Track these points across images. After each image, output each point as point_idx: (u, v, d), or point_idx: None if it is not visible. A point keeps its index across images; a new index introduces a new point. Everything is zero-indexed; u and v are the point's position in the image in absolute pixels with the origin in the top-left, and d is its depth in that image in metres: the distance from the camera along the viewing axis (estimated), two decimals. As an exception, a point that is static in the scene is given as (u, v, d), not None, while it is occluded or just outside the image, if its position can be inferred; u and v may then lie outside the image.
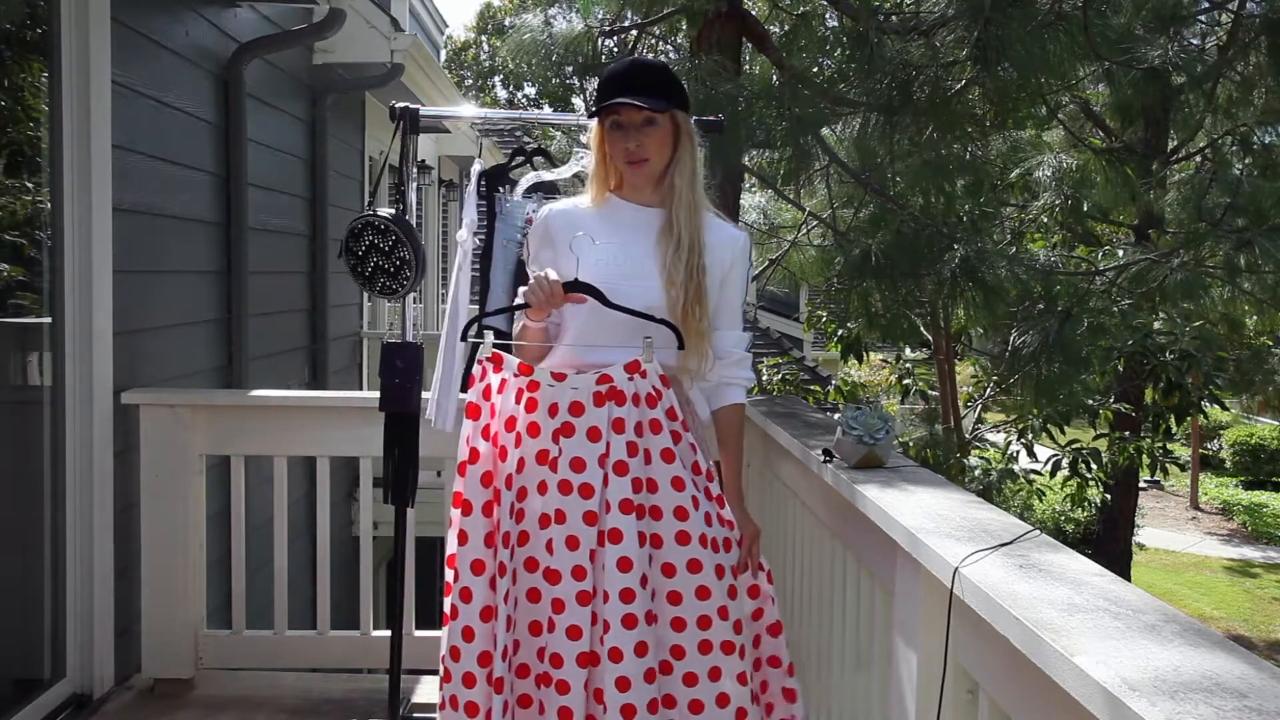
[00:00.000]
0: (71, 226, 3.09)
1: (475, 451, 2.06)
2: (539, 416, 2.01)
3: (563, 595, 1.95)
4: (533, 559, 1.99)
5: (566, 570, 1.95)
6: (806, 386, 9.67)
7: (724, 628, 2.00)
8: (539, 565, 1.98)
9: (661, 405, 2.00)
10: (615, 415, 1.99)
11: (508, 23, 24.95)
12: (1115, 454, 7.60)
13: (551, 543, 1.97)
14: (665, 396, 2.00)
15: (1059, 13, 4.07)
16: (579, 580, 1.95)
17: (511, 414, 2.04)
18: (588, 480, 1.97)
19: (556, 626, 1.95)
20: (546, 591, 1.97)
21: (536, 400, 2.01)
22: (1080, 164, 5.96)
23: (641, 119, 2.02)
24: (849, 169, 5.15)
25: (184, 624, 3.24)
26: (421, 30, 11.96)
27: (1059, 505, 13.91)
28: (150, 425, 3.22)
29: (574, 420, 1.99)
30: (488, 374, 2.07)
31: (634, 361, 1.99)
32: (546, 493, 1.98)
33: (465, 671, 2.05)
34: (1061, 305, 5.38)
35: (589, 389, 2.00)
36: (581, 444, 1.98)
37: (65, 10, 3.06)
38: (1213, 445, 22.39)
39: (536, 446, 2.00)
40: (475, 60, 28.06)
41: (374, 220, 2.78)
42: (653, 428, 1.99)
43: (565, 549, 1.96)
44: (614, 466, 1.98)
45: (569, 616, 1.94)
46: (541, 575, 1.98)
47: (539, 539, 1.99)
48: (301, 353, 5.65)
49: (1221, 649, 1.18)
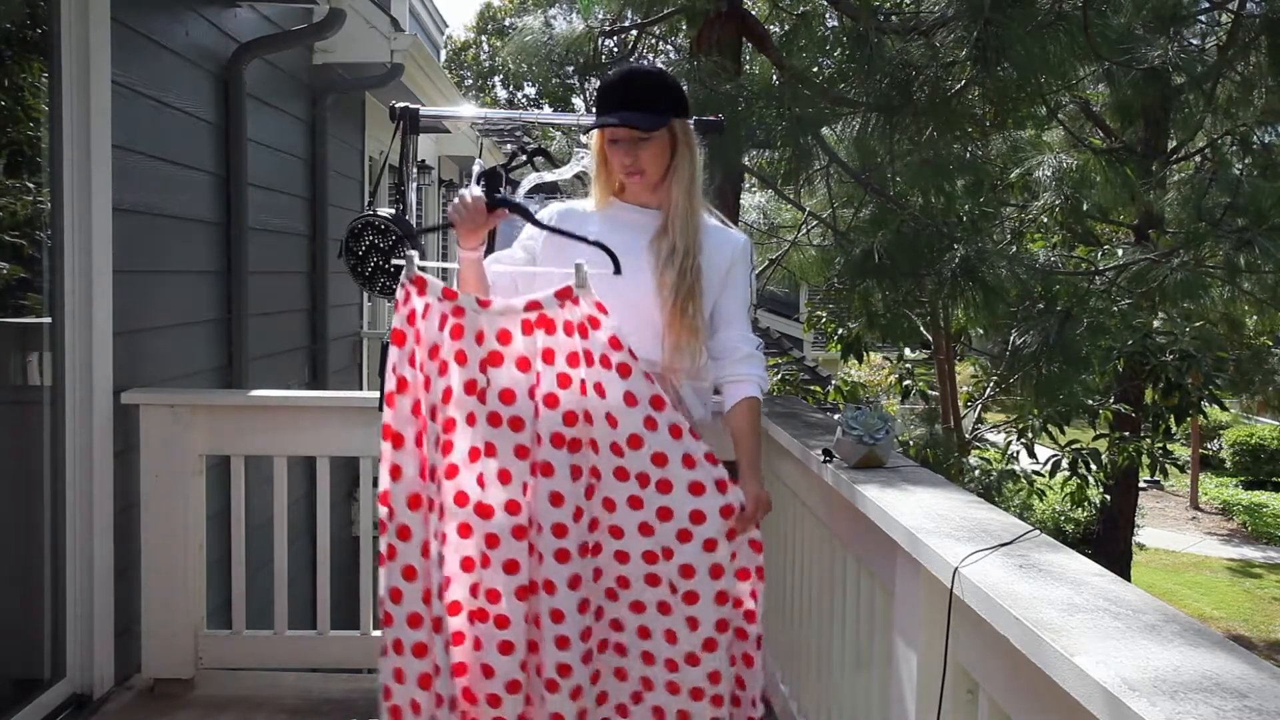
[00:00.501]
0: (71, 226, 3.09)
1: (403, 380, 1.97)
2: (465, 344, 1.93)
3: (497, 530, 1.89)
4: (462, 493, 1.92)
5: (499, 505, 1.90)
6: (806, 386, 9.68)
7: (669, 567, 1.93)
8: (469, 499, 1.91)
9: (597, 336, 1.89)
10: (544, 345, 1.91)
11: (508, 23, 24.96)
12: (1115, 454, 7.60)
13: (483, 476, 1.91)
14: (604, 325, 1.90)
15: (1059, 13, 4.07)
16: (514, 514, 1.90)
17: (435, 341, 1.95)
18: (518, 413, 1.91)
19: (491, 562, 1.89)
20: (479, 526, 1.90)
21: (462, 326, 1.93)
22: (1080, 164, 5.97)
23: (636, 135, 2.03)
24: (849, 169, 5.15)
25: (184, 624, 3.24)
26: (421, 30, 11.97)
27: (1059, 505, 13.91)
28: (150, 425, 3.22)
29: (502, 349, 1.92)
30: (411, 298, 1.97)
31: (565, 288, 1.91)
32: (475, 424, 1.92)
33: (411, 612, 1.98)
34: (1061, 305, 5.38)
35: (518, 316, 1.93)
36: (510, 374, 1.91)
37: (65, 10, 3.06)
38: (1213, 445, 22.38)
39: (464, 376, 1.92)
40: (475, 60, 28.06)
41: (374, 220, 2.78)
42: (586, 358, 1.90)
43: (498, 483, 1.90)
44: (544, 399, 1.90)
45: (505, 550, 1.89)
46: (473, 510, 1.91)
47: (469, 472, 1.92)
48: (301, 353, 5.64)
49: (1221, 649, 1.18)
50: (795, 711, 2.78)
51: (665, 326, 2.03)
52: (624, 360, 1.90)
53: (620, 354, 1.90)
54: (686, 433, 1.94)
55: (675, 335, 2.03)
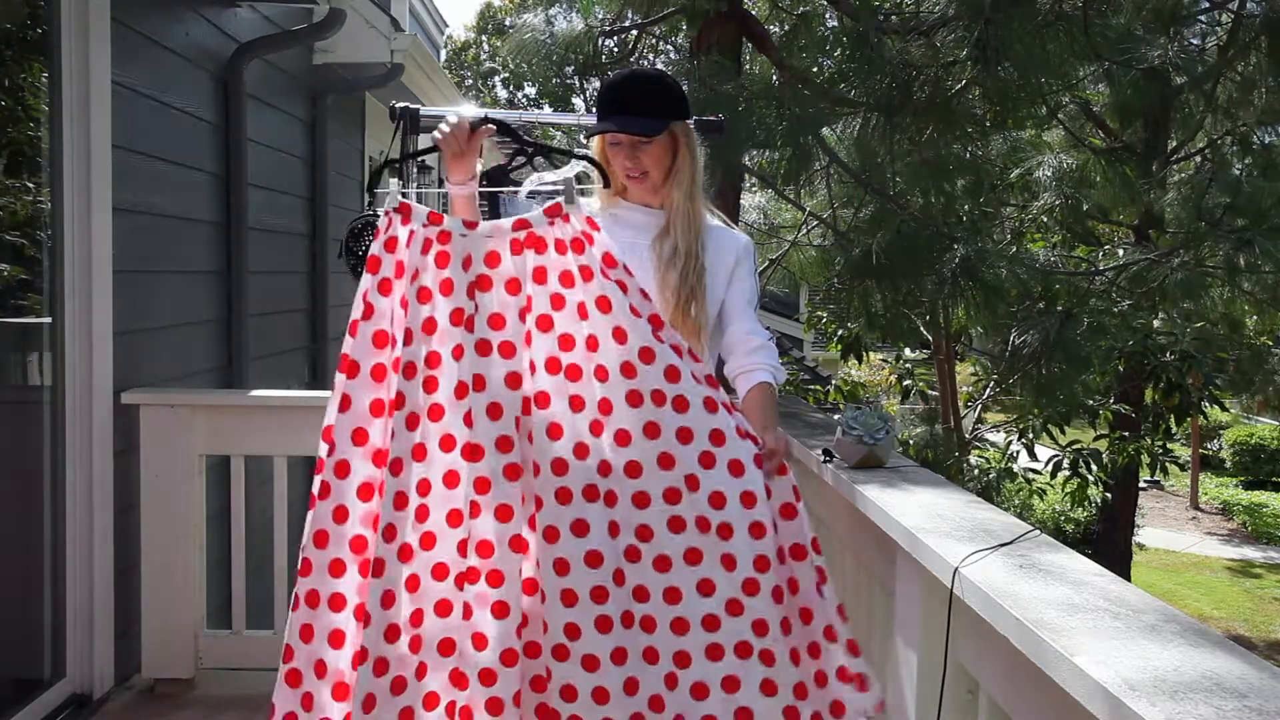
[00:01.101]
0: (71, 226, 3.09)
1: (370, 307, 1.81)
2: (451, 271, 1.79)
3: (487, 471, 1.72)
4: (449, 436, 1.76)
5: (489, 443, 1.73)
6: (807, 386, 9.68)
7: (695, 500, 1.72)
8: (456, 441, 1.76)
9: (592, 251, 1.78)
10: (535, 264, 1.79)
11: (508, 23, 24.95)
12: (1115, 454, 7.60)
13: (470, 414, 1.75)
14: (597, 241, 1.79)
15: (1059, 13, 4.07)
16: (505, 452, 1.73)
17: (418, 267, 1.80)
18: (508, 338, 1.77)
19: (482, 510, 1.72)
20: (467, 471, 1.74)
21: (448, 253, 1.80)
22: (1080, 164, 5.96)
23: (638, 138, 2.03)
24: (849, 169, 5.15)
25: (184, 624, 3.23)
26: (421, 30, 11.96)
27: (1059, 505, 13.91)
28: (150, 425, 3.22)
29: (489, 272, 1.79)
30: (394, 225, 1.83)
31: (554, 205, 1.81)
32: (462, 356, 1.77)
33: (334, 558, 1.76)
34: (1061, 305, 5.39)
35: (506, 236, 1.81)
36: (500, 298, 1.78)
37: (65, 10, 3.06)
38: (1213, 445, 22.38)
39: (450, 305, 1.78)
40: (475, 60, 28.06)
41: (374, 220, 2.78)
42: (584, 274, 1.77)
43: (487, 419, 1.73)
44: (536, 321, 1.76)
45: (496, 495, 1.72)
46: (460, 453, 1.75)
47: (456, 411, 1.76)
48: (301, 353, 5.64)
49: (1221, 649, 1.18)
50: (795, 711, 2.78)
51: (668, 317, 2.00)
52: (621, 277, 1.78)
53: (616, 270, 1.78)
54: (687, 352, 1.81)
55: None
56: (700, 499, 1.73)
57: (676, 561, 1.73)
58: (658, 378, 1.74)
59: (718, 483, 1.73)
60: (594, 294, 1.77)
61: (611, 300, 1.76)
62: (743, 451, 1.75)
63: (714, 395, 1.77)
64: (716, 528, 1.72)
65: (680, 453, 1.73)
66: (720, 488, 1.72)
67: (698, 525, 1.73)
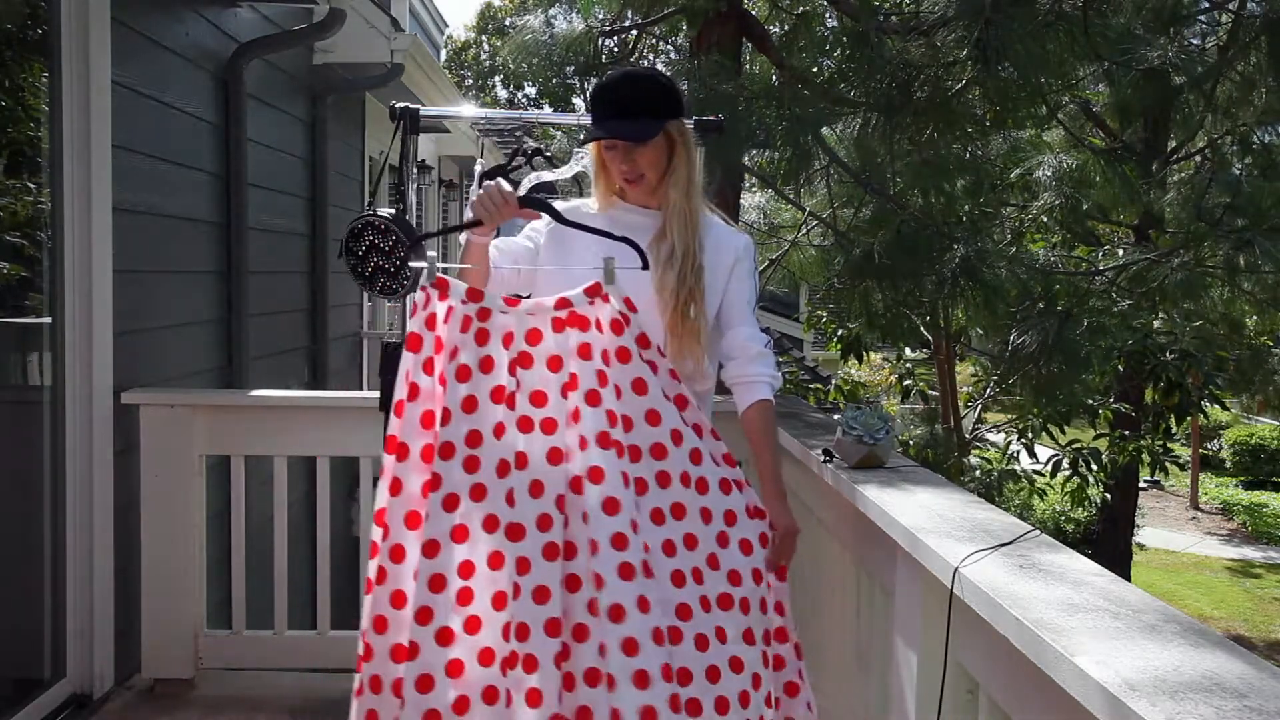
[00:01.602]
0: (71, 226, 3.09)
1: (415, 387, 1.81)
2: (492, 349, 1.79)
3: (527, 552, 1.70)
4: (492, 516, 1.74)
5: (531, 522, 1.71)
6: (807, 386, 9.68)
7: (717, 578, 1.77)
8: (500, 522, 1.73)
9: (629, 332, 1.80)
10: (580, 341, 1.80)
11: (508, 23, 24.96)
12: (1115, 454, 7.60)
13: (512, 493, 1.74)
14: (633, 323, 1.81)
15: (1059, 13, 4.07)
16: (544, 531, 1.71)
17: (457, 344, 1.80)
18: (550, 415, 1.76)
19: (522, 591, 1.68)
20: (510, 551, 1.71)
21: (488, 330, 1.81)
22: (1080, 164, 5.96)
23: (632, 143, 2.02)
24: (849, 169, 5.15)
25: (184, 624, 3.24)
26: (421, 30, 11.97)
27: (1059, 505, 13.91)
28: (150, 425, 3.22)
29: (531, 349, 1.80)
30: (431, 301, 1.83)
31: (594, 285, 1.83)
32: (504, 435, 1.76)
33: (394, 644, 1.74)
34: (1061, 305, 5.38)
35: (546, 314, 1.82)
36: (541, 375, 1.79)
37: (65, 10, 3.06)
38: (1213, 445, 22.38)
39: (491, 383, 1.78)
40: (475, 60, 28.06)
41: (374, 220, 2.78)
42: (620, 356, 1.79)
43: (529, 497, 1.73)
44: (585, 396, 1.75)
45: (535, 576, 1.69)
46: (504, 534, 1.72)
47: (497, 491, 1.74)
48: (301, 353, 5.64)
49: (1222, 649, 1.18)
50: (795, 711, 2.78)
51: (667, 329, 1.98)
52: (653, 357, 1.82)
53: (650, 350, 1.82)
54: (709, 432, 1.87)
55: (678, 339, 1.98)
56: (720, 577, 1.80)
57: (713, 641, 1.76)
58: (684, 460, 1.80)
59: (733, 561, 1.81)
60: (630, 376, 1.80)
61: (647, 383, 1.81)
62: (752, 531, 1.84)
63: (729, 476, 1.84)
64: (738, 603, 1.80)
65: (702, 533, 1.80)
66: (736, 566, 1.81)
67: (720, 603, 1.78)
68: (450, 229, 1.94)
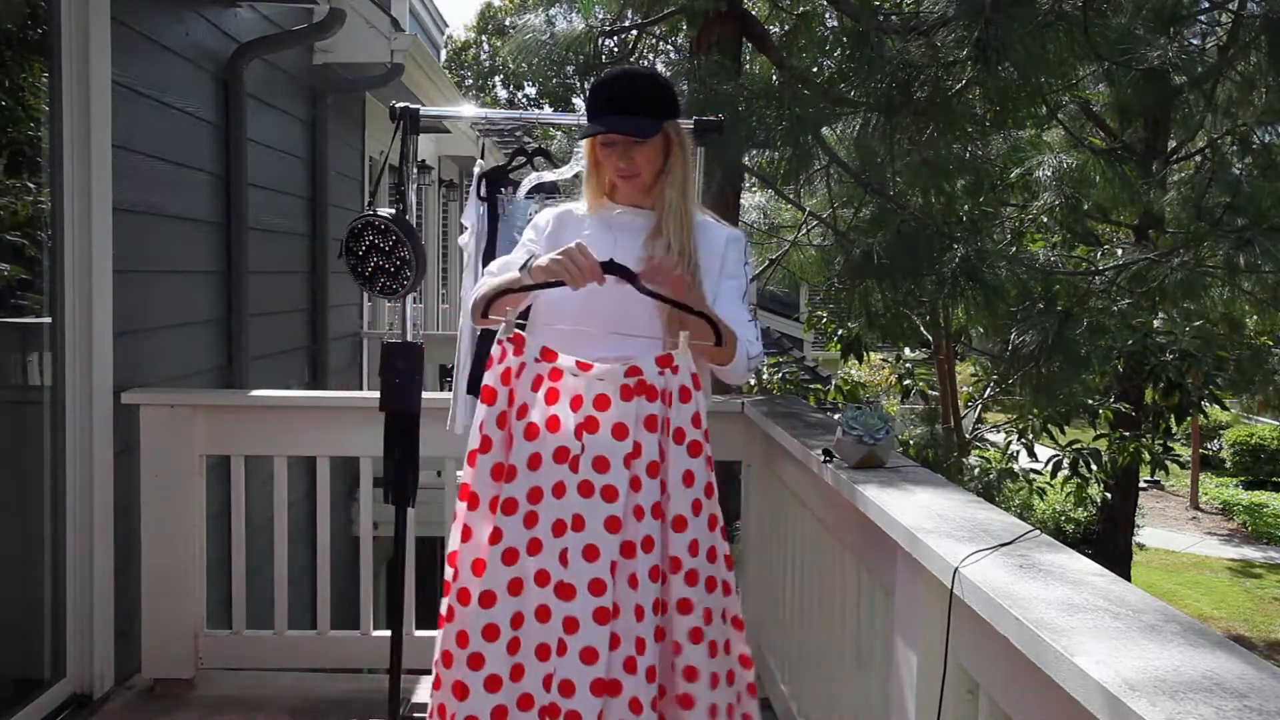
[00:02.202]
0: (71, 226, 3.09)
1: (488, 440, 1.87)
2: (560, 409, 1.84)
3: (577, 613, 1.76)
4: (544, 571, 1.80)
5: (583, 585, 1.77)
6: (807, 386, 9.68)
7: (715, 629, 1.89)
8: (550, 579, 1.79)
9: (690, 407, 1.84)
10: (647, 412, 1.83)
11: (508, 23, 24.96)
12: (1115, 454, 7.60)
13: (566, 553, 1.79)
14: (694, 399, 1.84)
15: (1059, 12, 4.07)
16: (597, 596, 1.76)
17: (525, 401, 1.86)
18: (612, 482, 1.80)
19: (568, 649, 1.76)
20: (558, 609, 1.78)
21: (558, 390, 1.85)
22: (1080, 164, 5.96)
23: (631, 139, 2.02)
24: (849, 169, 5.15)
25: (184, 624, 3.24)
26: (421, 30, 11.97)
27: (1059, 505, 13.91)
28: (150, 425, 3.22)
29: (599, 415, 1.83)
30: (507, 356, 1.88)
31: (666, 355, 1.84)
32: (564, 495, 1.81)
33: (455, 680, 1.84)
34: (1061, 305, 5.39)
35: (616, 381, 1.84)
36: (606, 442, 1.81)
37: (65, 10, 3.06)
38: (1213, 445, 22.38)
39: (556, 443, 1.82)
40: (475, 60, 28.06)
41: (374, 220, 2.78)
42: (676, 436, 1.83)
43: (582, 560, 1.78)
44: (647, 468, 1.80)
45: (584, 637, 1.76)
46: (553, 590, 1.79)
47: (552, 548, 1.80)
48: (301, 353, 5.65)
49: (1221, 649, 1.18)
50: (795, 711, 2.78)
51: (664, 329, 1.98)
52: (697, 439, 1.84)
53: (697, 432, 1.84)
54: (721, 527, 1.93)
55: (674, 335, 1.98)
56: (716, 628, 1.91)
57: None
58: (702, 527, 1.85)
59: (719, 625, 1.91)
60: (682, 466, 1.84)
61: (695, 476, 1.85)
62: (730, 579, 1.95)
63: (718, 547, 1.89)
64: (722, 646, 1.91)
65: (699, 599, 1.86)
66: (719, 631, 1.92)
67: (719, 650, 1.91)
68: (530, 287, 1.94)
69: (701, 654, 1.85)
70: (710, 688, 1.87)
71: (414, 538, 3.11)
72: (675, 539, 1.84)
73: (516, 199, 2.92)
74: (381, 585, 6.12)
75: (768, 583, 3.18)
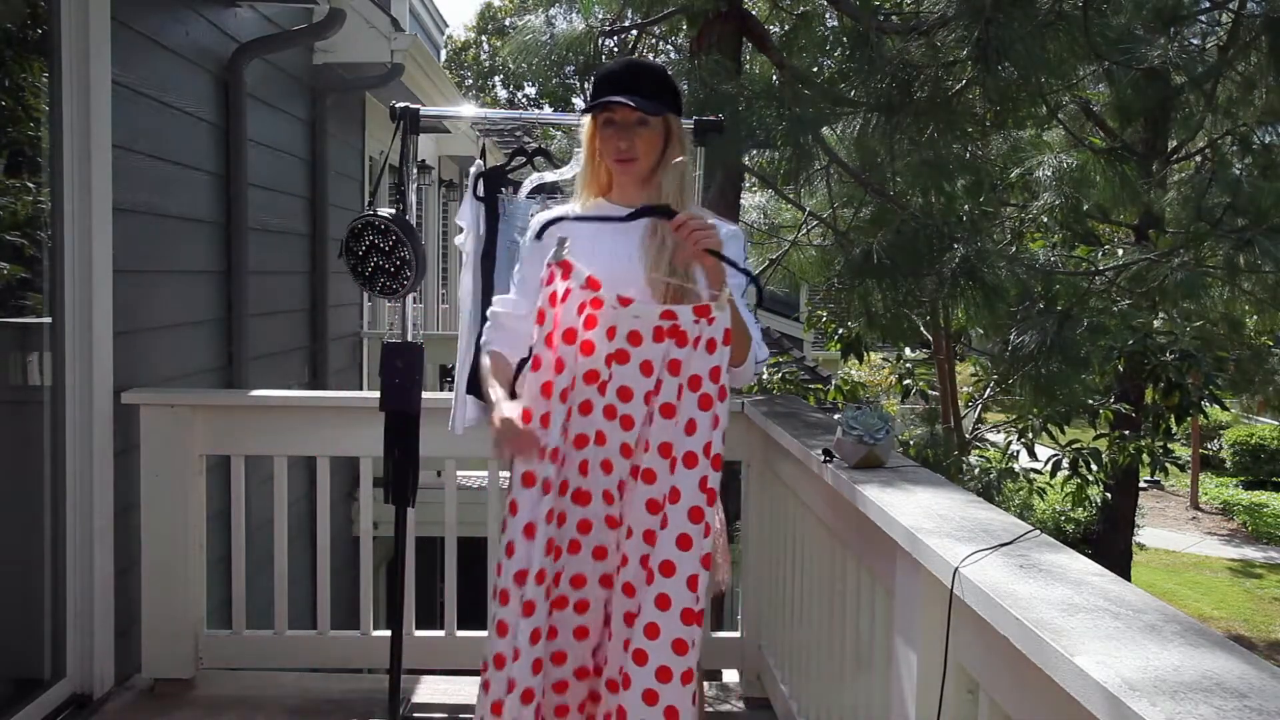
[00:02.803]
0: (71, 226, 3.09)
1: (538, 359, 2.01)
2: (595, 335, 1.96)
3: (591, 516, 1.97)
4: (564, 480, 1.99)
5: (598, 492, 1.97)
6: (807, 386, 9.67)
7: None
8: (570, 486, 1.98)
9: (713, 359, 1.91)
10: (673, 356, 1.93)
11: (508, 23, 24.97)
12: (1115, 454, 7.59)
13: (586, 464, 1.97)
14: (719, 352, 1.91)
15: (1059, 12, 4.07)
16: (609, 504, 1.97)
17: (571, 325, 1.98)
18: (630, 412, 1.95)
19: (582, 548, 1.97)
20: (573, 513, 1.98)
21: (596, 318, 1.97)
22: (1080, 164, 5.96)
23: (634, 118, 2.02)
24: (849, 169, 5.15)
25: (184, 624, 3.24)
26: (421, 30, 11.96)
27: (1059, 505, 13.91)
28: (150, 425, 3.22)
29: (629, 348, 1.94)
30: (555, 279, 2.01)
31: (705, 306, 1.92)
32: (590, 413, 1.96)
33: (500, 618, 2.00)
34: (1061, 305, 5.38)
35: (651, 321, 1.93)
36: (633, 374, 1.94)
37: (65, 10, 3.06)
38: (1213, 445, 22.38)
39: (587, 365, 1.96)
40: (475, 60, 28.06)
41: (374, 220, 2.78)
42: (691, 383, 1.91)
43: (600, 472, 1.96)
44: (661, 408, 1.92)
45: (595, 537, 1.97)
46: (571, 497, 1.98)
47: (574, 459, 1.98)
48: (301, 353, 5.65)
49: (1222, 649, 1.18)
50: (795, 711, 2.78)
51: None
52: (709, 393, 1.91)
53: (713, 386, 1.91)
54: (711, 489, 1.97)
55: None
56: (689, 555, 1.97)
57: None
58: (690, 481, 1.92)
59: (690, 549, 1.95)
60: (699, 395, 1.93)
61: (713, 404, 1.93)
62: None
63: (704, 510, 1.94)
64: None
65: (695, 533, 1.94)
66: None
67: None
68: None
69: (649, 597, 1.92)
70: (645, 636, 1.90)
71: (414, 537, 3.11)
72: (662, 479, 1.93)
73: (517, 199, 2.92)
74: (381, 585, 6.12)
75: (767, 583, 3.18)
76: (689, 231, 1.91)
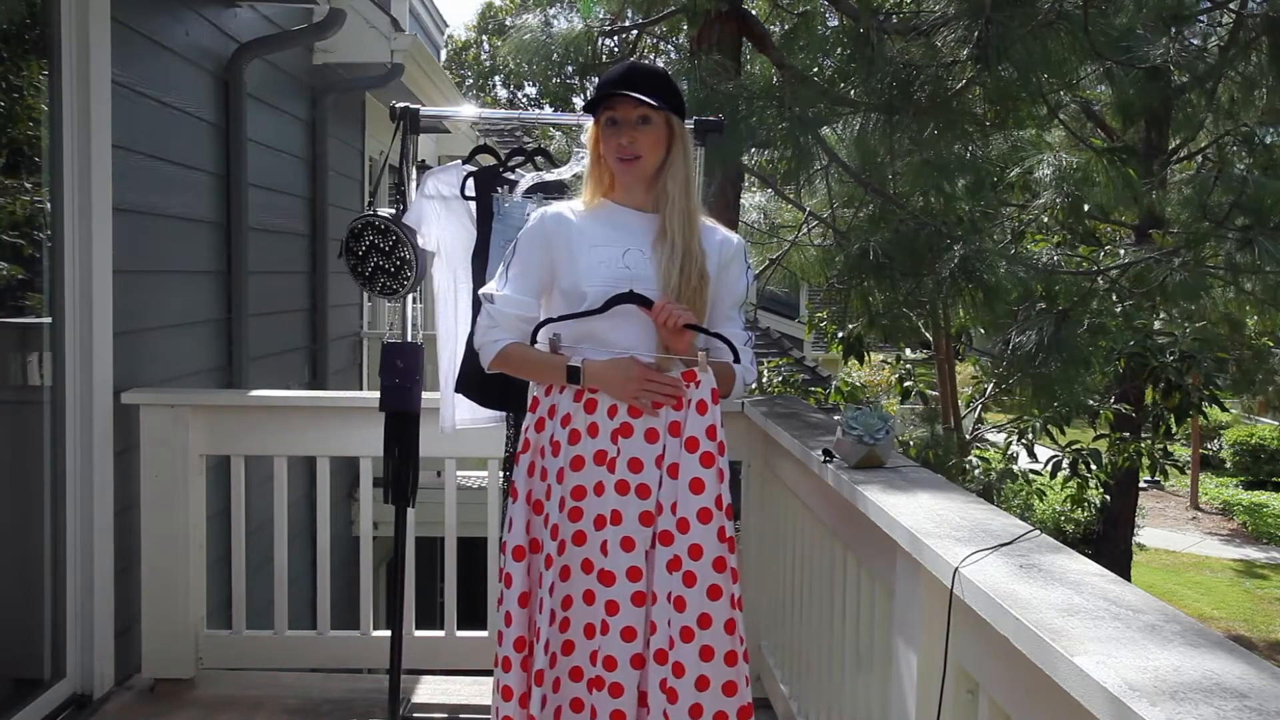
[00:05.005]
0: (71, 226, 3.09)
1: (527, 443, 2.13)
2: (598, 417, 2.05)
3: (617, 597, 2.00)
4: (588, 560, 2.03)
5: (621, 572, 2.00)
6: (807, 387, 9.68)
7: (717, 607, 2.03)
8: (594, 567, 2.02)
9: (706, 419, 2.02)
10: (672, 419, 2.03)
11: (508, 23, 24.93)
12: (1115, 454, 7.59)
13: (606, 544, 2.01)
14: (711, 412, 2.02)
15: (1059, 12, 4.07)
16: (634, 582, 2.00)
17: (568, 411, 2.07)
18: (645, 481, 2.02)
19: (610, 629, 2.00)
20: (601, 594, 2.01)
21: (596, 401, 2.06)
22: (1081, 163, 5.95)
23: (636, 116, 2.02)
24: (849, 168, 5.15)
25: (184, 624, 3.23)
26: (421, 30, 11.96)
27: (1059, 505, 13.90)
28: (150, 425, 3.22)
29: (633, 422, 2.04)
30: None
31: (690, 372, 2.03)
32: (603, 493, 2.02)
33: (503, 656, 2.10)
34: (1062, 305, 5.38)
35: None
36: (639, 445, 2.03)
37: (65, 10, 3.06)
38: (1213, 445, 22.38)
39: (595, 446, 2.04)
40: (475, 60, 28.04)
41: (374, 220, 2.78)
42: (689, 445, 2.01)
43: (620, 550, 2.00)
44: (669, 469, 2.02)
45: (623, 618, 2.00)
46: (596, 578, 2.02)
47: (595, 540, 2.02)
48: (301, 353, 5.64)
49: (1222, 649, 1.18)
50: (795, 711, 2.78)
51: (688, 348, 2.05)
52: (710, 451, 2.01)
53: (711, 444, 2.02)
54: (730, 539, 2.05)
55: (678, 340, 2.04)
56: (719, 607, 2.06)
57: None
58: (709, 535, 2.01)
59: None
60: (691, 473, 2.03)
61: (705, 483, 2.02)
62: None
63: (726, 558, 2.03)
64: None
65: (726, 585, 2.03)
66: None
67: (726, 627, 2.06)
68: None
69: (692, 654, 1.98)
70: (696, 689, 1.98)
71: (414, 538, 3.11)
72: (679, 539, 2.00)
73: (514, 198, 2.92)
74: (381, 585, 6.12)
75: (768, 583, 3.18)
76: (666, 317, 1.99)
